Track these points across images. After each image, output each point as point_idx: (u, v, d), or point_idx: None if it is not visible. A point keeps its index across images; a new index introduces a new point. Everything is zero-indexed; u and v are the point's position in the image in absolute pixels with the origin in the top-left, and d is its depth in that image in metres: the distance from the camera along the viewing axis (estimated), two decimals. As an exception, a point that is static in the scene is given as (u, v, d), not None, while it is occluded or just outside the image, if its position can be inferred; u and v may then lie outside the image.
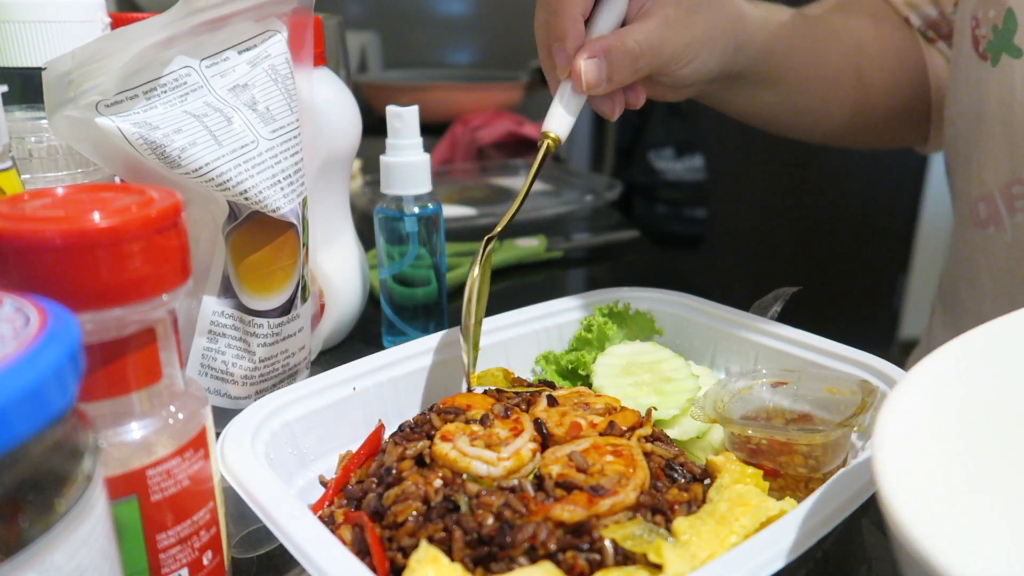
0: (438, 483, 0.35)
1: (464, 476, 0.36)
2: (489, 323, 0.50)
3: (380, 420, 0.44)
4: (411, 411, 0.46)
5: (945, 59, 0.67)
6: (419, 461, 0.38)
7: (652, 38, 0.49)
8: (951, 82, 0.62)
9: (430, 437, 0.39)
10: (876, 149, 0.76)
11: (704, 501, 0.36)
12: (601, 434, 0.39)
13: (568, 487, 0.34)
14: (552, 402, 0.42)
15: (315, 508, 0.38)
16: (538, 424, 0.39)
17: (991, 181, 0.56)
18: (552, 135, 0.50)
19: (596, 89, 0.49)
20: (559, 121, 0.50)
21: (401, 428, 0.41)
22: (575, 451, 0.37)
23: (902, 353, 0.78)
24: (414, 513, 0.34)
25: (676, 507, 0.35)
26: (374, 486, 0.38)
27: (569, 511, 0.33)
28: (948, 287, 0.67)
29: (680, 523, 0.33)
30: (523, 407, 0.42)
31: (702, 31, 0.51)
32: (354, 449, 0.42)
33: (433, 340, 0.48)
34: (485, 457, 0.36)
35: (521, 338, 0.51)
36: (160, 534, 0.29)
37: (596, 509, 0.33)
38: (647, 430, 0.40)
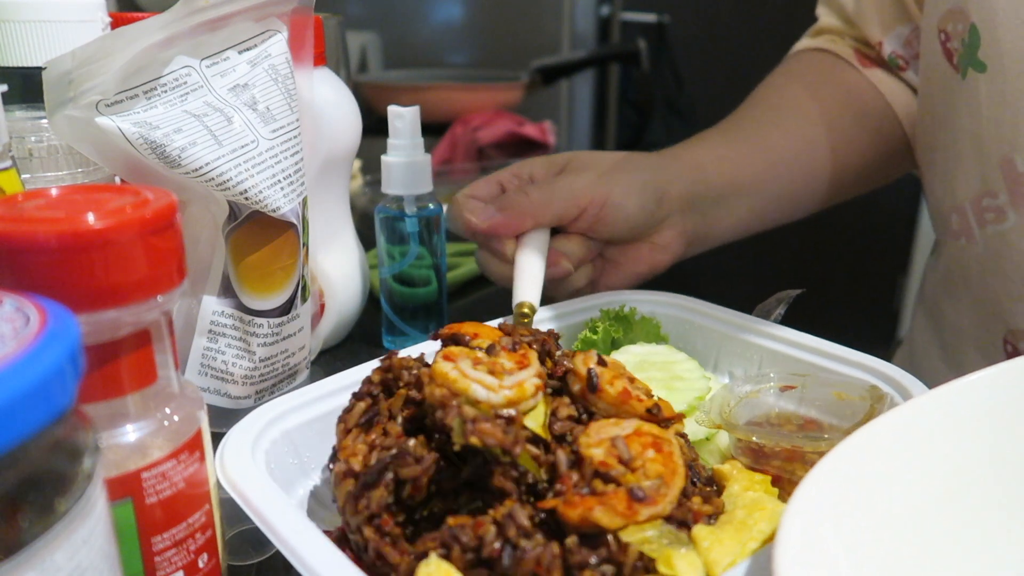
0: (361, 448, 0.35)
1: (461, 399, 0.33)
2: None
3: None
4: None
5: (911, 89, 0.66)
6: (368, 424, 0.37)
7: (545, 189, 0.53)
8: (921, 94, 0.62)
9: (371, 396, 0.38)
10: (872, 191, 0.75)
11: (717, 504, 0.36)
12: (647, 412, 0.37)
13: (606, 479, 0.32)
14: (602, 362, 0.39)
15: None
16: (591, 373, 0.37)
17: (962, 193, 0.56)
18: (528, 303, 0.50)
19: (486, 224, 0.52)
20: (532, 287, 0.51)
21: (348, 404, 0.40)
22: (619, 437, 0.34)
23: (902, 354, 0.78)
24: (348, 491, 0.33)
25: (699, 517, 0.34)
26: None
27: (608, 516, 0.31)
28: (929, 293, 0.67)
29: (699, 530, 0.32)
30: (534, 346, 0.39)
31: (606, 175, 0.55)
32: None
33: (433, 345, 0.48)
34: (486, 382, 0.33)
35: None
36: (155, 537, 0.29)
37: (635, 518, 0.31)
38: (680, 426, 0.38)
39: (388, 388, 0.39)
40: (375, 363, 0.44)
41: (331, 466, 0.36)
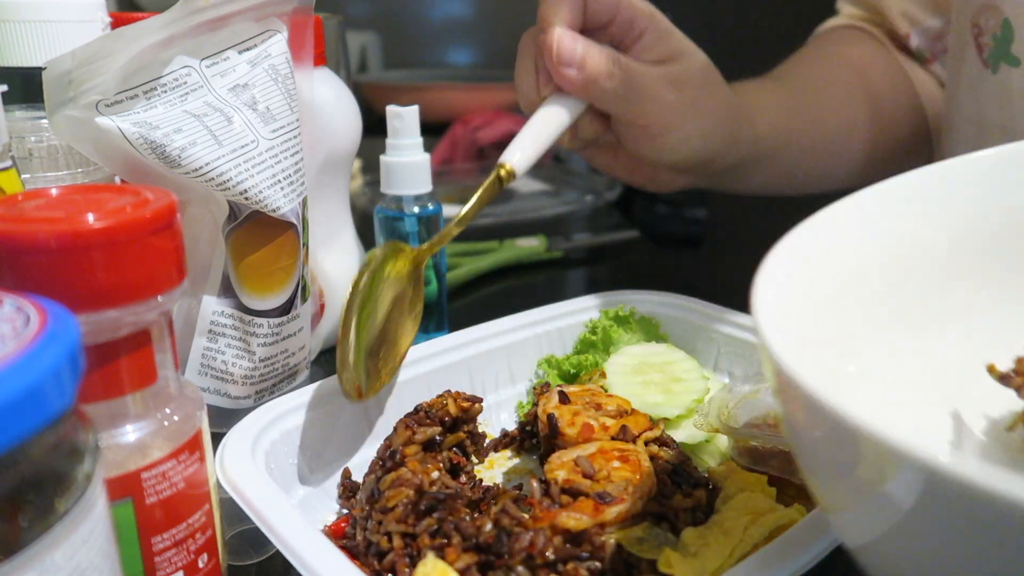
0: (435, 475, 0.35)
1: None
2: (491, 327, 0.50)
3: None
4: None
5: (937, 80, 0.67)
6: (428, 445, 0.38)
7: (634, 67, 0.49)
8: (951, 88, 0.62)
9: (443, 423, 0.39)
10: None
11: (711, 509, 0.36)
12: (612, 438, 0.38)
13: (574, 493, 0.34)
14: (564, 399, 0.41)
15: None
16: (551, 419, 0.39)
17: None
18: (508, 166, 0.47)
19: (568, 66, 0.47)
20: (521, 153, 0.47)
21: (416, 410, 0.41)
22: (581, 456, 0.36)
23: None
24: (404, 500, 0.34)
25: (681, 513, 0.35)
26: (378, 468, 0.38)
27: (575, 519, 0.32)
28: None
29: (688, 534, 0.33)
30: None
31: (689, 104, 0.51)
32: (353, 462, 0.42)
33: (433, 345, 0.48)
34: None
35: (523, 342, 0.51)
36: (155, 537, 0.29)
37: (602, 517, 0.32)
38: (655, 432, 0.40)
39: (456, 423, 0.41)
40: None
41: (385, 462, 0.37)
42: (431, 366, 0.47)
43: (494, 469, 0.44)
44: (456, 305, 0.71)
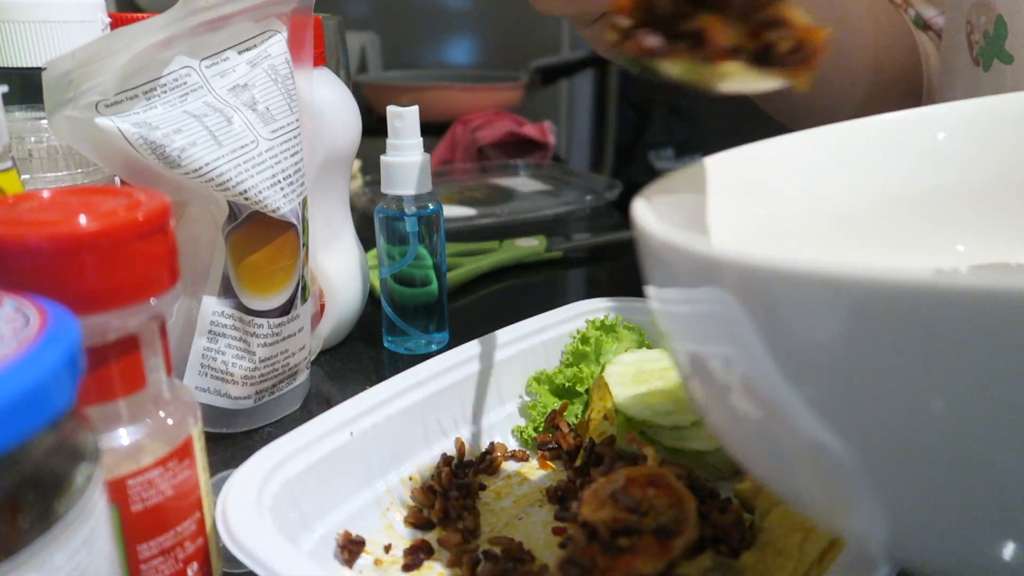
0: None
1: None
2: (473, 348, 0.47)
3: None
4: (410, 452, 0.42)
5: (934, 46, 0.68)
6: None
7: None
8: (945, 85, 0.62)
9: None
10: None
11: (751, 526, 0.35)
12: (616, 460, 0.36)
13: (627, 532, 0.31)
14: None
15: None
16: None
17: None
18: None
19: None
20: None
21: None
22: (619, 490, 0.33)
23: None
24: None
25: (731, 530, 0.33)
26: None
27: (651, 563, 0.30)
28: None
29: (748, 558, 0.32)
30: None
31: None
32: (355, 506, 0.39)
33: (418, 373, 0.44)
34: None
35: (508, 360, 0.48)
36: (141, 545, 0.28)
37: (672, 554, 0.30)
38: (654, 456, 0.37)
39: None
40: (367, 394, 0.41)
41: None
42: (420, 395, 0.43)
43: (503, 499, 0.41)
44: (456, 305, 0.71)
